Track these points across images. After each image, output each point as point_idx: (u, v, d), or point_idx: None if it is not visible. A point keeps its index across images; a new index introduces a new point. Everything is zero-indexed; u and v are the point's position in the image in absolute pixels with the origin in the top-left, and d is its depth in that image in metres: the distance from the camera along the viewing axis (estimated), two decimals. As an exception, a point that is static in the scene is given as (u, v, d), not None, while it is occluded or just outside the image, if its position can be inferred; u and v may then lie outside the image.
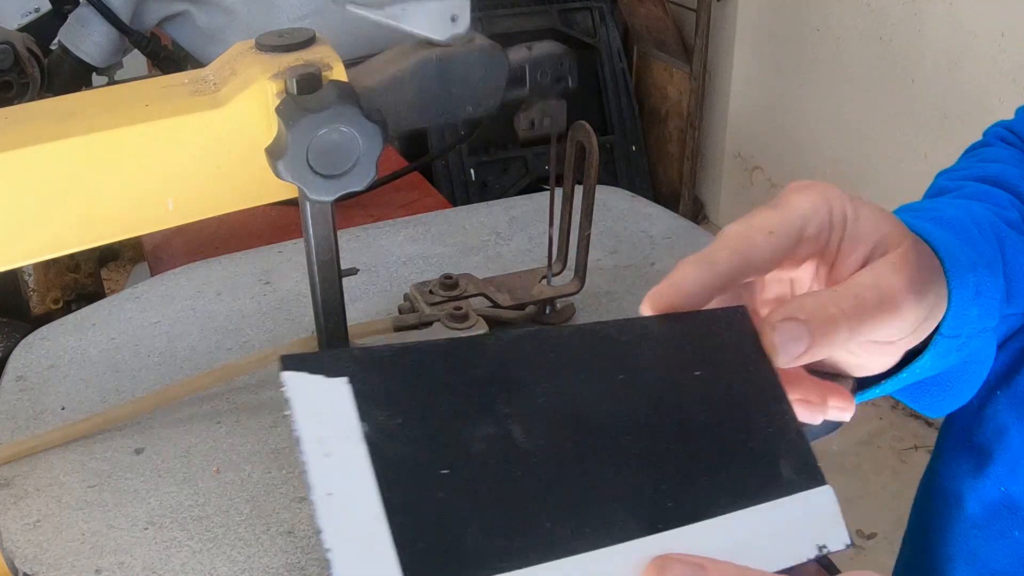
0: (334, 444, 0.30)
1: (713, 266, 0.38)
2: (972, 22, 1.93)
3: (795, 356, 0.37)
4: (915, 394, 0.50)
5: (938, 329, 0.43)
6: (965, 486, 0.60)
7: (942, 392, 0.49)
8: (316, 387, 0.31)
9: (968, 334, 0.44)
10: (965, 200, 0.53)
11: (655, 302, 0.38)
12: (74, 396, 0.68)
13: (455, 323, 0.68)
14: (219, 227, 1.09)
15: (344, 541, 0.28)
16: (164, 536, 0.56)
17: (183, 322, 0.76)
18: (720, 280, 0.38)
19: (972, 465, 0.59)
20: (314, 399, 0.31)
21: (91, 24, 1.13)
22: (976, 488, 0.59)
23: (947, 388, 0.49)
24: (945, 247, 0.43)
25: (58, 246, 0.54)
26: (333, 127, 0.52)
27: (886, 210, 0.42)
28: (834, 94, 2.33)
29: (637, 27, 2.82)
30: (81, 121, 0.53)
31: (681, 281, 0.38)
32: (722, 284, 0.38)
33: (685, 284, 0.38)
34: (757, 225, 0.39)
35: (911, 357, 0.44)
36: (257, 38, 0.57)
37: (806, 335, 0.37)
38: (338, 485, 0.29)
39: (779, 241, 0.39)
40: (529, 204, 0.95)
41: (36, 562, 0.54)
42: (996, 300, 0.44)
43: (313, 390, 0.31)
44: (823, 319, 0.37)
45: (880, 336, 0.40)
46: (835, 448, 2.13)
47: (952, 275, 0.42)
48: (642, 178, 2.87)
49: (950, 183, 0.57)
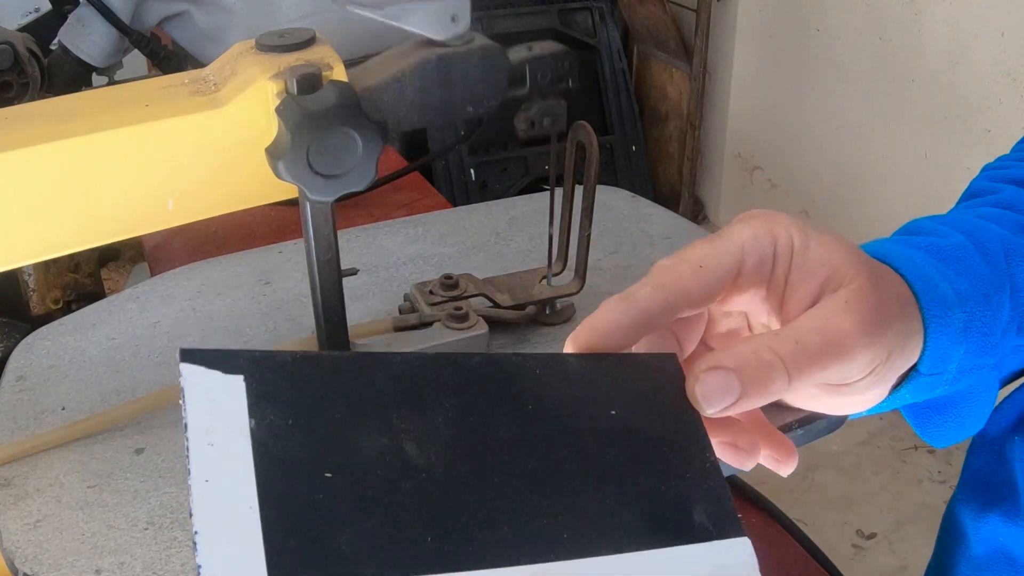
0: (219, 436, 0.30)
1: (634, 304, 0.36)
2: (972, 22, 1.93)
3: (723, 407, 0.35)
4: (918, 420, 0.47)
5: (916, 367, 0.40)
6: (972, 526, 0.58)
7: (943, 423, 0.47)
8: (211, 381, 0.31)
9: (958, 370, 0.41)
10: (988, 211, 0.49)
11: (576, 344, 0.36)
12: (74, 396, 0.68)
13: (455, 323, 0.68)
14: (219, 227, 1.09)
15: (212, 526, 0.28)
16: (164, 536, 0.56)
17: (183, 322, 0.76)
18: (643, 318, 0.36)
19: (980, 505, 0.58)
20: (208, 392, 0.31)
21: (91, 24, 1.13)
22: (980, 531, 0.57)
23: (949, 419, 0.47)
24: (924, 282, 0.40)
25: (58, 246, 0.54)
26: (333, 127, 0.52)
27: (844, 240, 0.39)
28: (834, 94, 2.33)
29: (637, 27, 2.82)
30: (81, 121, 0.53)
31: (600, 322, 0.36)
32: (646, 322, 0.36)
33: (603, 325, 0.36)
34: (687, 258, 0.37)
35: None
36: (257, 38, 0.57)
37: (736, 386, 0.35)
38: (216, 474, 0.29)
39: (709, 275, 0.37)
40: (529, 204, 0.95)
41: (36, 562, 0.54)
42: (994, 336, 0.41)
43: (208, 384, 0.31)
44: (757, 367, 0.35)
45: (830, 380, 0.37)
46: (835, 448, 2.13)
47: (930, 313, 0.39)
48: (642, 178, 2.87)
49: (987, 184, 0.54)
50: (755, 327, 0.43)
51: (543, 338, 0.73)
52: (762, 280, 0.38)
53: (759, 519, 0.87)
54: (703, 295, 0.37)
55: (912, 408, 0.47)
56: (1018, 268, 0.45)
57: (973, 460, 0.60)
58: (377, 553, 0.29)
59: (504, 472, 0.33)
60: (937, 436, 0.47)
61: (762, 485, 0.91)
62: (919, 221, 0.48)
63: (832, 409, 0.42)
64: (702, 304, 0.38)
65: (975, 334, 0.41)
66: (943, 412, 0.47)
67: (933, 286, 0.40)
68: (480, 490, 0.32)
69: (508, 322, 0.73)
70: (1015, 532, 0.54)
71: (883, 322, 0.37)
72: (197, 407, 0.30)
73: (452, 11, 0.56)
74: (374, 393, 0.33)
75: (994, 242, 0.45)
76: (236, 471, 0.30)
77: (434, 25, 0.56)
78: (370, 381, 0.33)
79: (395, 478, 0.31)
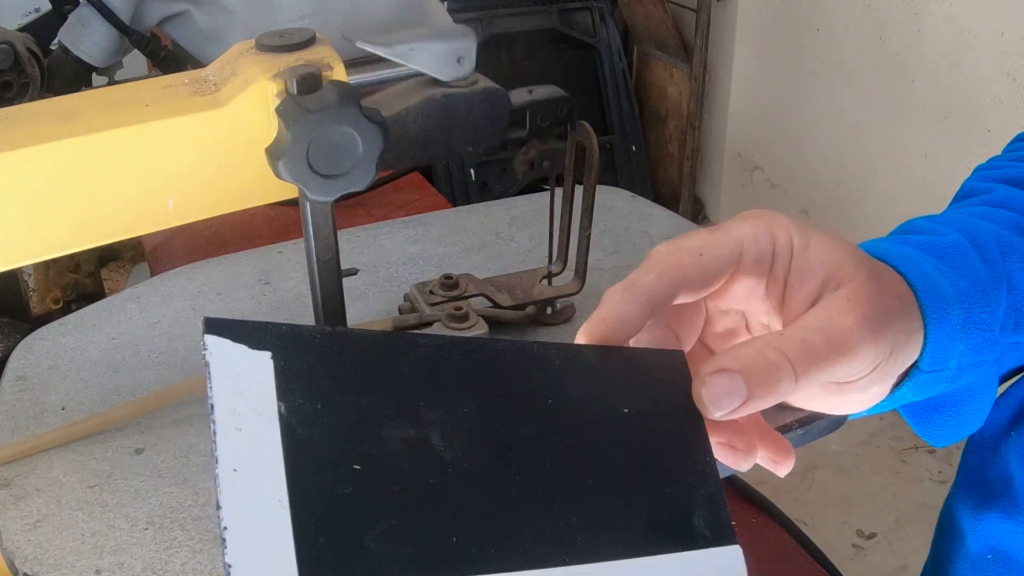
0: (247, 419, 0.29)
1: (637, 291, 0.36)
2: (972, 22, 1.93)
3: (730, 411, 0.35)
4: (918, 420, 0.47)
5: (916, 364, 0.40)
6: (968, 524, 0.58)
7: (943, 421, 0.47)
8: (238, 357, 0.30)
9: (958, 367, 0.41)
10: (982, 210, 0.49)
11: (589, 337, 0.37)
12: (74, 396, 0.68)
13: (455, 323, 0.68)
14: (219, 227, 1.09)
15: (243, 522, 0.27)
16: (164, 536, 0.56)
17: (183, 322, 0.76)
18: (648, 306, 0.36)
19: (976, 503, 0.58)
20: (234, 368, 0.29)
21: (91, 24, 1.13)
22: (977, 528, 0.57)
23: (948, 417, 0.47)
24: (922, 279, 0.40)
25: (58, 246, 0.54)
26: (333, 127, 0.52)
27: (843, 240, 0.39)
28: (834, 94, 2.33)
29: (637, 27, 2.82)
30: (81, 121, 0.53)
31: (609, 314, 0.36)
32: (651, 309, 0.36)
33: (612, 316, 0.36)
34: (686, 246, 0.37)
35: None
36: (257, 38, 0.57)
37: (742, 388, 0.34)
38: (245, 462, 0.28)
39: (708, 263, 0.37)
40: (529, 204, 0.95)
41: (36, 562, 0.54)
42: (993, 332, 0.42)
43: (234, 359, 0.30)
44: (763, 368, 0.35)
45: (834, 378, 0.37)
46: (835, 448, 2.13)
47: (929, 310, 0.39)
48: (642, 178, 2.87)
49: (980, 184, 0.54)
50: (754, 327, 0.43)
51: (543, 338, 0.73)
52: (761, 274, 0.38)
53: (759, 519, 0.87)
54: (701, 281, 0.37)
55: (912, 408, 0.47)
56: (1014, 265, 0.45)
57: (969, 458, 0.60)
58: (404, 553, 0.29)
59: (523, 470, 0.33)
60: (937, 435, 0.47)
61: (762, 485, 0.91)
62: (915, 221, 0.49)
63: (833, 408, 0.42)
64: (700, 290, 0.38)
65: (974, 330, 0.41)
66: (942, 411, 0.47)
67: (932, 283, 0.40)
68: (501, 488, 0.32)
69: (508, 322, 0.73)
70: (1012, 529, 0.55)
71: (885, 319, 0.37)
72: (223, 385, 0.29)
73: (458, 53, 0.57)
74: (401, 378, 0.32)
75: (989, 240, 0.45)
76: (265, 460, 0.28)
77: (440, 66, 0.57)
78: (397, 365, 0.33)
79: (421, 472, 0.31)
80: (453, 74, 0.58)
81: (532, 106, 0.62)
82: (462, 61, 0.58)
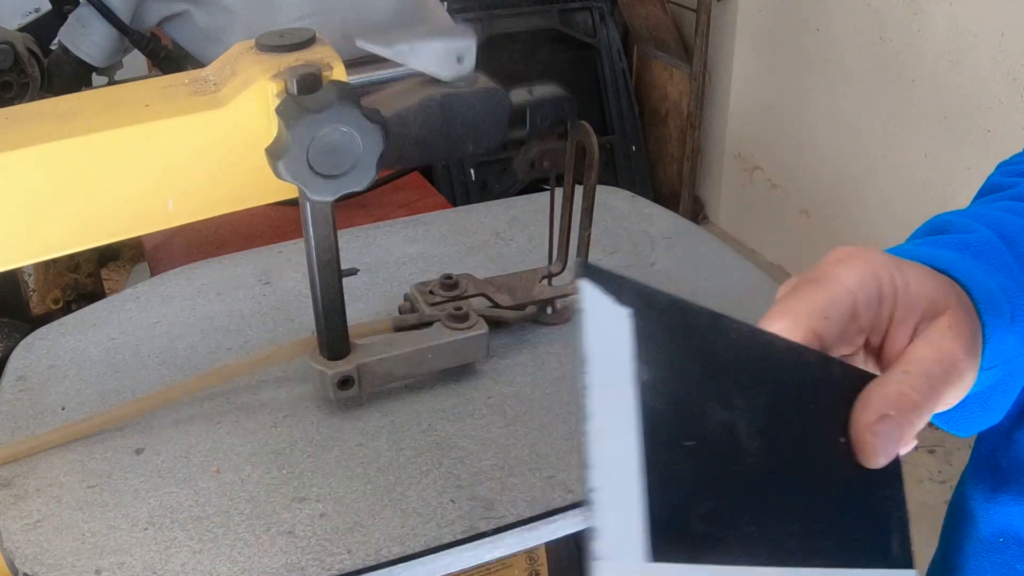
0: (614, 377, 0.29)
1: None
2: (972, 22, 1.93)
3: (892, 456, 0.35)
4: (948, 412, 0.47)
5: None
6: (981, 508, 0.59)
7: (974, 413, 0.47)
8: (606, 309, 0.29)
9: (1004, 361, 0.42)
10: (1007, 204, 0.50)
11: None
12: (74, 396, 0.68)
13: (455, 323, 0.68)
14: (219, 227, 1.09)
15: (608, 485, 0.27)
16: (164, 536, 0.56)
17: (183, 322, 0.76)
18: None
19: (989, 487, 0.58)
20: (604, 321, 0.29)
21: (91, 24, 1.13)
22: (989, 512, 0.58)
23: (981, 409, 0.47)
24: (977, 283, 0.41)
25: (58, 246, 0.54)
26: (333, 127, 0.52)
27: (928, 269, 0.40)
28: (834, 94, 2.33)
29: (637, 27, 2.82)
30: (81, 121, 0.53)
31: None
32: None
33: None
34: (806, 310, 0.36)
35: None
36: (257, 38, 0.57)
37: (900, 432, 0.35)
38: (609, 423, 0.28)
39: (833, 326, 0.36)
40: (529, 204, 0.95)
41: (36, 562, 0.54)
42: None
43: (604, 311, 0.29)
44: (909, 409, 0.35)
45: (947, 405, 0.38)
46: (835, 448, 2.13)
47: (986, 310, 0.40)
48: (642, 178, 2.87)
49: (1004, 179, 0.55)
50: None
51: (543, 338, 0.73)
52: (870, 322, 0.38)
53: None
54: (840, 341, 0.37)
55: None
56: None
57: (982, 444, 0.61)
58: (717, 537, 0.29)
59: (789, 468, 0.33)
60: (964, 425, 0.48)
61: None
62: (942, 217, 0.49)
63: None
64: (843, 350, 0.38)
65: (1020, 323, 0.42)
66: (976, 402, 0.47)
67: (980, 283, 0.41)
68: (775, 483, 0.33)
69: (508, 322, 0.73)
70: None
71: (977, 337, 0.39)
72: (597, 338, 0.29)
73: (458, 52, 0.57)
74: (721, 360, 0.33)
75: (1018, 234, 0.46)
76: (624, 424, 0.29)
77: (440, 65, 0.57)
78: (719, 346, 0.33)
79: (729, 456, 0.31)
80: (453, 74, 0.58)
81: (532, 106, 0.62)
82: (462, 61, 0.58)
